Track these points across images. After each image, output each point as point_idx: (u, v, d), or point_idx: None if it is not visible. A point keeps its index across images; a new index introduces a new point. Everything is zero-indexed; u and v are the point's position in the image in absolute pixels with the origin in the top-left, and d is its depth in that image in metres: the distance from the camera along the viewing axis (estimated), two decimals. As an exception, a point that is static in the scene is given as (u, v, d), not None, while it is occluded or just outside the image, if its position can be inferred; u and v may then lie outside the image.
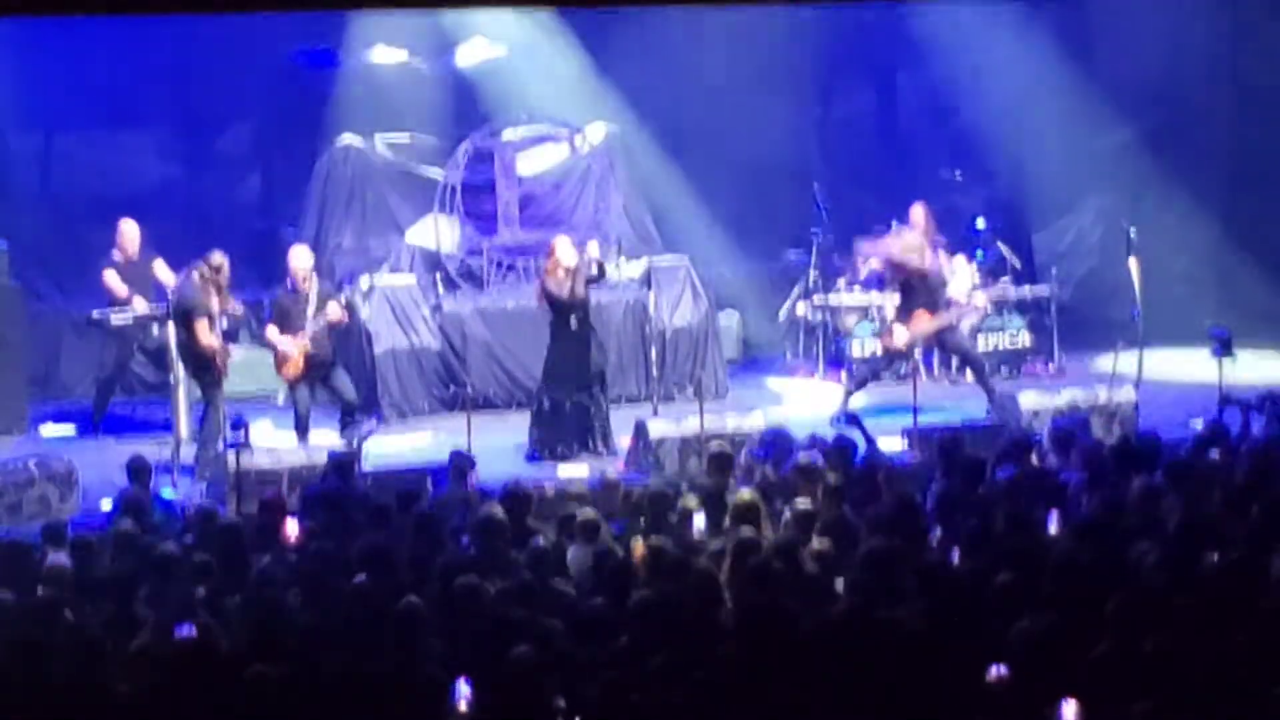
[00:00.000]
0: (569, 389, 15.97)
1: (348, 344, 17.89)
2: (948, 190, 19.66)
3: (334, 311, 15.86)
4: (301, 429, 15.91)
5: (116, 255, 16.99)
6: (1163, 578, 10.25)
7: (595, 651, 9.60)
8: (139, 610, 10.81)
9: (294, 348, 15.84)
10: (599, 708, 9.07)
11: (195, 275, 15.65)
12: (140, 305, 16.75)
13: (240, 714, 9.17)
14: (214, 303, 15.56)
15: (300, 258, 16.00)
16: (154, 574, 11.17)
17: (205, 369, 15.56)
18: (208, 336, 15.48)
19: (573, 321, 16.07)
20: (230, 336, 16.63)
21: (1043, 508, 11.94)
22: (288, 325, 15.89)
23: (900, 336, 16.66)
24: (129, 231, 17.01)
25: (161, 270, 16.69)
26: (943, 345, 17.20)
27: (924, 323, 16.60)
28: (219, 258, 15.67)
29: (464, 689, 9.08)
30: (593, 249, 16.39)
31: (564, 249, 16.13)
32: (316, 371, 15.98)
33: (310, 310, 15.88)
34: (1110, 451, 12.94)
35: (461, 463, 13.41)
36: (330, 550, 11.44)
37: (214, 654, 9.83)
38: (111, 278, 16.88)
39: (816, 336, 18.75)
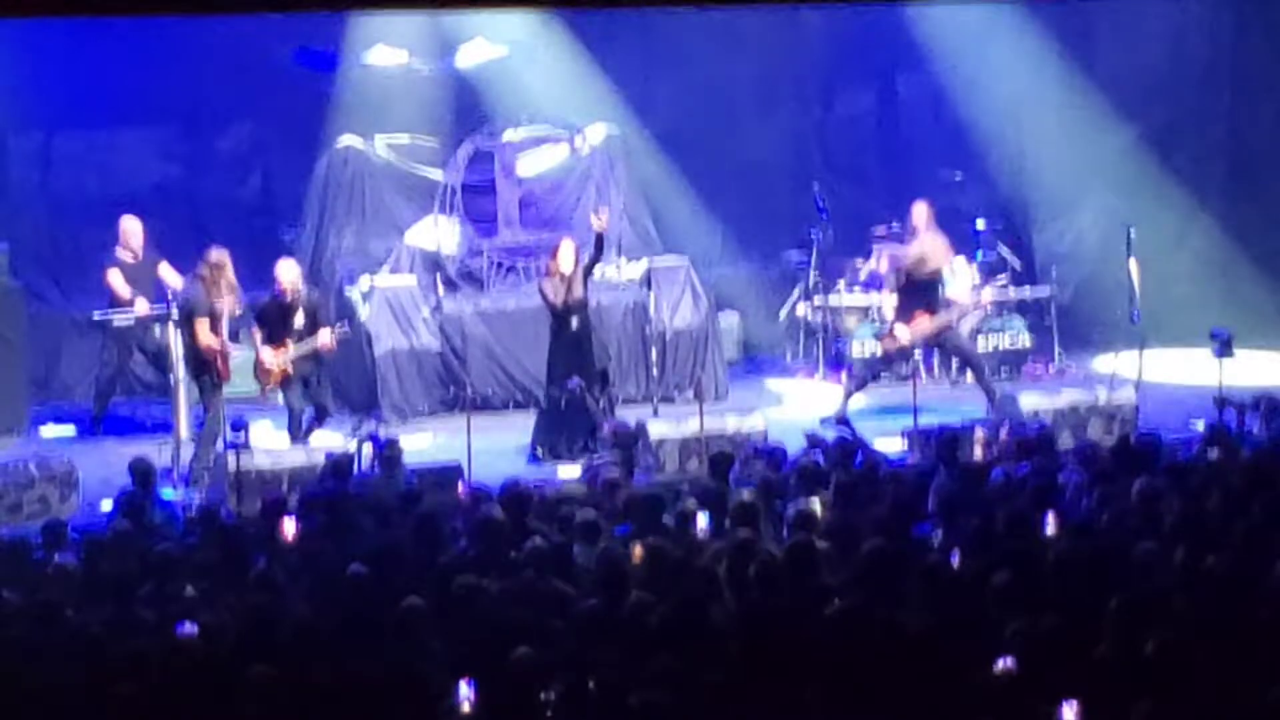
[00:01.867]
0: (568, 389, 15.99)
1: (347, 344, 17.88)
2: (948, 190, 19.65)
3: (324, 339, 15.80)
4: (295, 429, 15.86)
5: (121, 253, 16.95)
6: (1163, 578, 10.25)
7: (595, 652, 9.59)
8: (139, 610, 10.83)
9: (274, 363, 15.78)
10: (598, 708, 9.06)
11: (196, 276, 15.66)
12: (142, 306, 16.73)
13: (240, 714, 9.16)
14: (220, 301, 15.54)
15: (287, 271, 15.94)
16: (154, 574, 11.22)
17: (205, 370, 15.54)
18: (207, 336, 15.46)
19: (572, 323, 16.11)
20: (230, 337, 16.62)
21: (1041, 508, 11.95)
22: (272, 335, 15.84)
23: (902, 337, 16.67)
24: (132, 228, 16.97)
25: (167, 273, 16.67)
26: (942, 346, 17.21)
27: (924, 323, 16.60)
28: (217, 254, 15.66)
29: (466, 690, 9.08)
30: (597, 222, 16.40)
31: (564, 253, 16.16)
32: (294, 383, 15.94)
33: (298, 320, 15.83)
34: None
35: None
36: (330, 551, 11.45)
37: (214, 654, 9.84)
38: (115, 277, 16.84)
39: (817, 337, 18.74)
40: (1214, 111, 19.95)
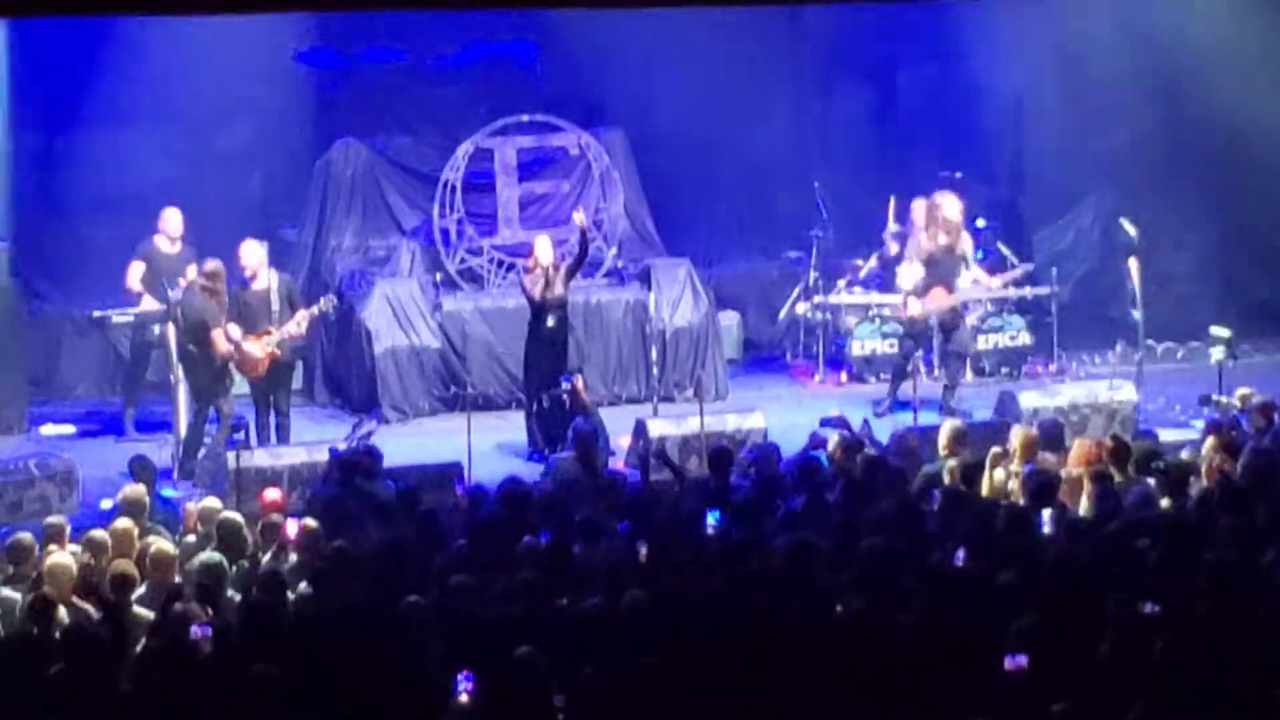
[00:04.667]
0: (544, 387, 16.00)
1: (347, 343, 17.92)
2: (948, 190, 19.62)
3: (300, 321, 15.82)
4: (260, 428, 15.89)
5: (159, 240, 16.87)
6: (1163, 578, 10.25)
7: (595, 652, 9.59)
8: (138, 610, 10.84)
9: (261, 351, 15.78)
10: (599, 708, 9.06)
11: (197, 287, 15.66)
12: (149, 303, 16.66)
13: (240, 714, 9.17)
14: (223, 310, 15.58)
15: (250, 253, 15.94)
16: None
17: (219, 379, 15.57)
18: (224, 344, 15.51)
19: (549, 320, 16.14)
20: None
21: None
22: (250, 323, 15.83)
23: (915, 308, 16.95)
24: (174, 220, 16.88)
25: (193, 275, 16.64)
26: (945, 328, 17.27)
27: (941, 298, 16.74)
28: (214, 264, 15.68)
29: (464, 682, 9.09)
30: (578, 218, 16.49)
31: (541, 247, 16.20)
32: (277, 374, 15.97)
33: (274, 306, 15.85)
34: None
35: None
36: (336, 550, 11.47)
37: (214, 654, 9.84)
38: (134, 270, 16.76)
39: (817, 336, 18.75)
40: (1214, 111, 19.92)
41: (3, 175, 18.14)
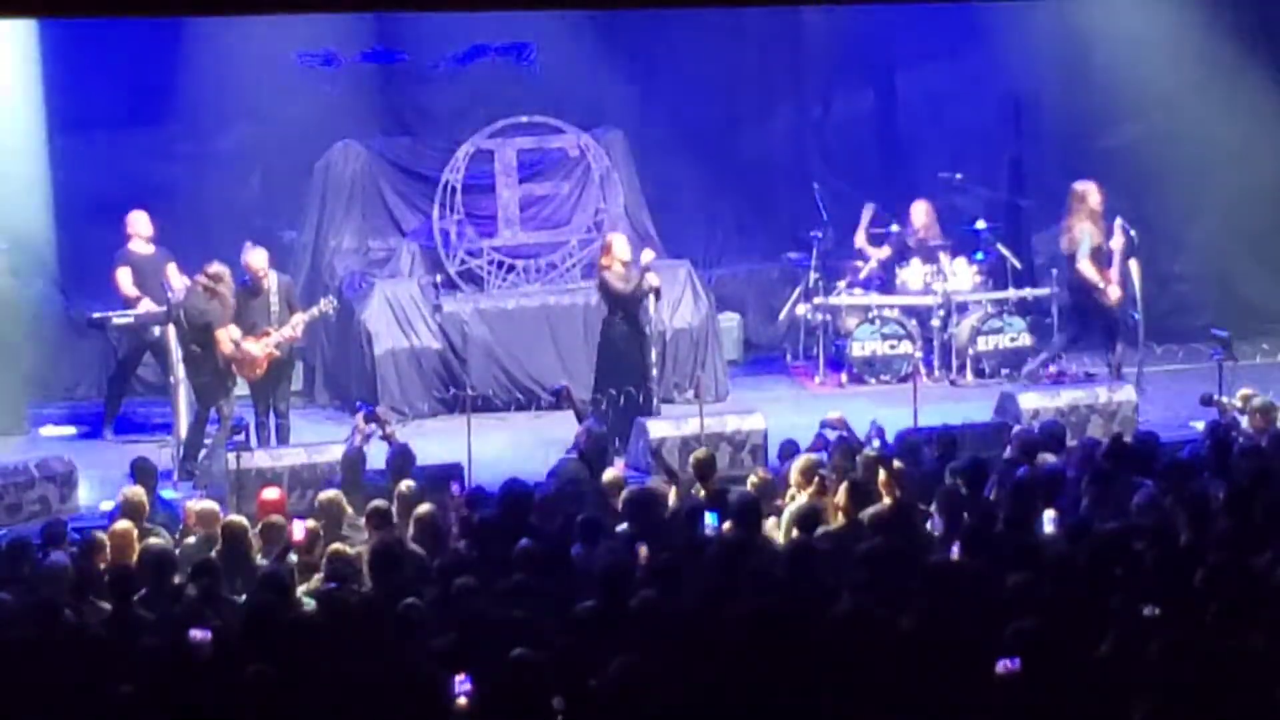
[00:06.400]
0: (640, 381, 16.01)
1: (347, 344, 17.92)
2: (948, 191, 19.65)
3: (295, 325, 15.86)
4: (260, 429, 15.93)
5: (135, 245, 16.89)
6: (1163, 578, 10.25)
7: (595, 652, 9.59)
8: (139, 610, 10.85)
9: (260, 352, 15.81)
10: (599, 708, 9.06)
11: (200, 288, 15.67)
12: (146, 305, 16.69)
13: (240, 714, 9.17)
14: (227, 311, 15.61)
15: (256, 257, 15.99)
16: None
17: (222, 380, 15.60)
18: (229, 346, 15.54)
19: (639, 315, 16.19)
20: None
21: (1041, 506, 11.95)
22: (249, 324, 15.86)
23: (1115, 293, 17.51)
24: (144, 221, 16.93)
25: (174, 275, 16.65)
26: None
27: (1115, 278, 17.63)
28: (218, 267, 15.70)
29: (462, 684, 9.09)
30: (646, 255, 16.53)
31: (620, 244, 16.27)
32: (276, 374, 15.98)
33: (274, 308, 15.88)
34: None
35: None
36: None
37: (214, 654, 9.84)
38: (123, 276, 16.80)
39: (817, 337, 18.75)
40: (1214, 111, 19.92)
41: (3, 175, 18.16)
